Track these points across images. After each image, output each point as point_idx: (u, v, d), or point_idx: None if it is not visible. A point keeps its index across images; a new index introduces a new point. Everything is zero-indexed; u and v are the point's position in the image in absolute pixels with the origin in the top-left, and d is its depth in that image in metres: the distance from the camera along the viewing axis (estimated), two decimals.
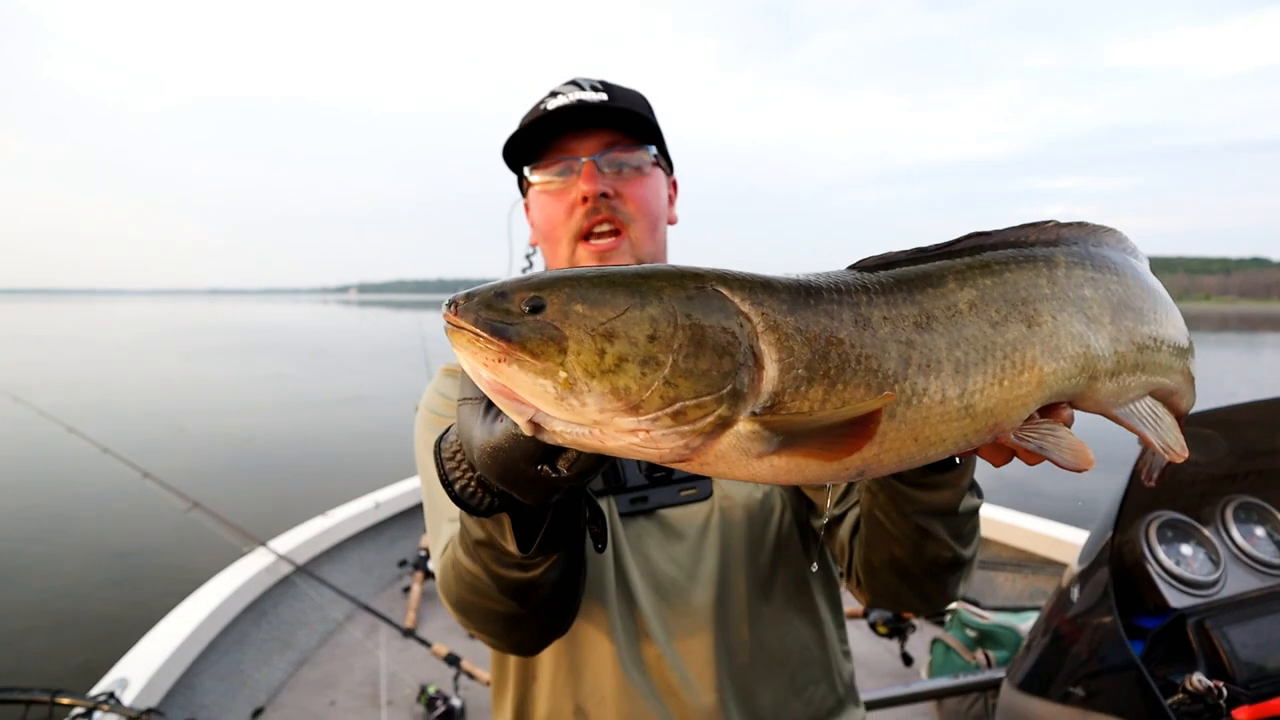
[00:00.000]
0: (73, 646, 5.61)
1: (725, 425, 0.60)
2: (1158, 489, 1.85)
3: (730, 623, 1.23)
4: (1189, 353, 0.84)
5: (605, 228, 1.25)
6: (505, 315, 0.61)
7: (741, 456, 0.61)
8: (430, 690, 3.49)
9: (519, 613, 0.96)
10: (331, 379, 24.17)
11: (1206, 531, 1.83)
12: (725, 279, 0.63)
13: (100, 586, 6.85)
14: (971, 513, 1.06)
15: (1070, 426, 0.72)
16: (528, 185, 1.32)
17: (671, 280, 0.63)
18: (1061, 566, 3.91)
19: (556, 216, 1.26)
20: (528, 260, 1.43)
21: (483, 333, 0.60)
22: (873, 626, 3.40)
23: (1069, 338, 0.70)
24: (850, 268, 0.69)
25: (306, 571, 4.06)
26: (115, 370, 26.66)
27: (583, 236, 1.26)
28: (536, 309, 0.61)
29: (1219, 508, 1.90)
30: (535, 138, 1.27)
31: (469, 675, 3.52)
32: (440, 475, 0.78)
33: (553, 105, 1.24)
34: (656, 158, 1.31)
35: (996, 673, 2.73)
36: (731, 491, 1.27)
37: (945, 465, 0.95)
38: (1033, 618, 3.07)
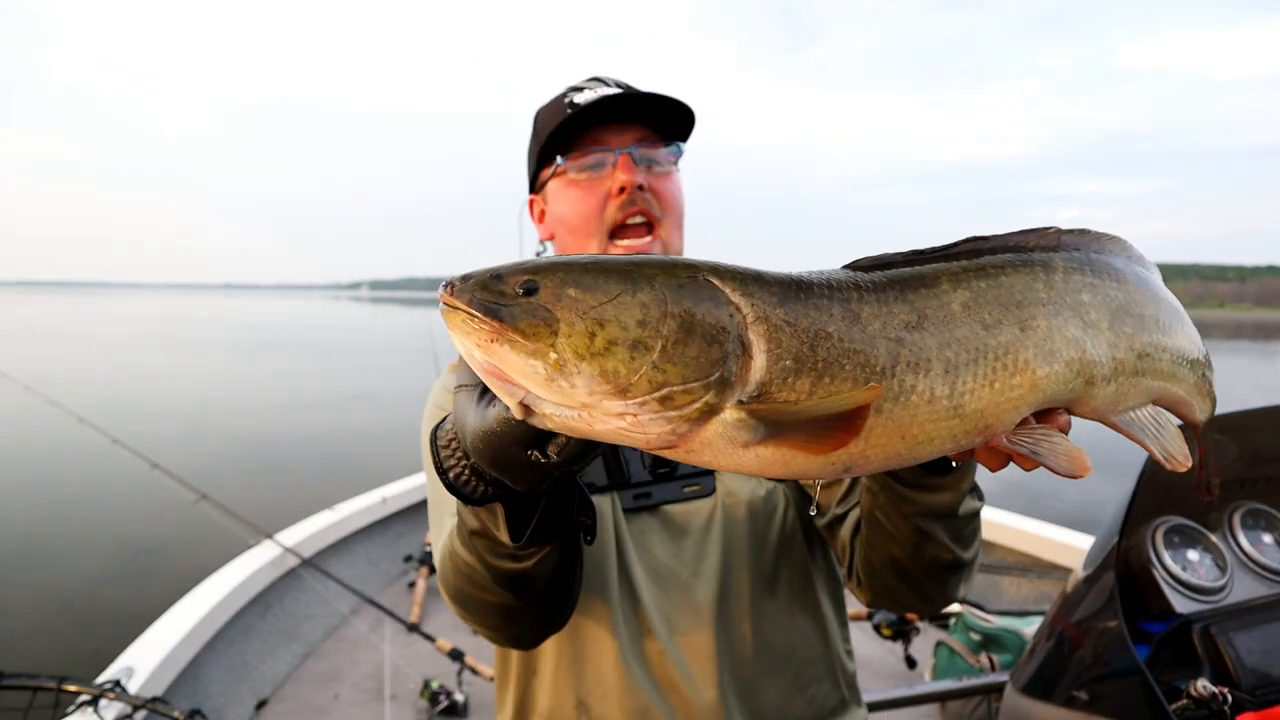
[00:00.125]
0: (80, 635, 5.66)
1: (712, 412, 0.60)
2: (1164, 494, 1.84)
3: (733, 619, 1.23)
4: (1200, 363, 0.83)
5: (638, 220, 1.25)
6: (499, 297, 0.62)
7: (727, 445, 0.61)
8: (434, 685, 3.50)
9: (515, 604, 0.96)
10: (342, 375, 24.30)
11: (1214, 537, 1.82)
12: (717, 270, 0.64)
13: (108, 576, 6.90)
14: (972, 515, 1.06)
15: (1067, 432, 0.72)
16: (555, 175, 1.30)
17: (664, 269, 0.64)
18: (1067, 571, 3.89)
19: (588, 208, 1.25)
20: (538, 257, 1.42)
21: (476, 313, 0.61)
22: (877, 629, 3.39)
23: (1064, 342, 0.69)
24: (845, 267, 0.70)
25: (313, 565, 4.08)
26: (127, 363, 26.89)
27: (615, 229, 1.25)
28: (530, 292, 0.62)
29: (1227, 514, 1.88)
30: (566, 130, 1.26)
31: (472, 671, 3.53)
32: (435, 463, 0.79)
33: (581, 99, 1.24)
34: (678, 155, 1.32)
35: (1000, 676, 2.72)
36: (735, 488, 1.27)
37: (943, 468, 0.95)
38: (1037, 622, 3.05)
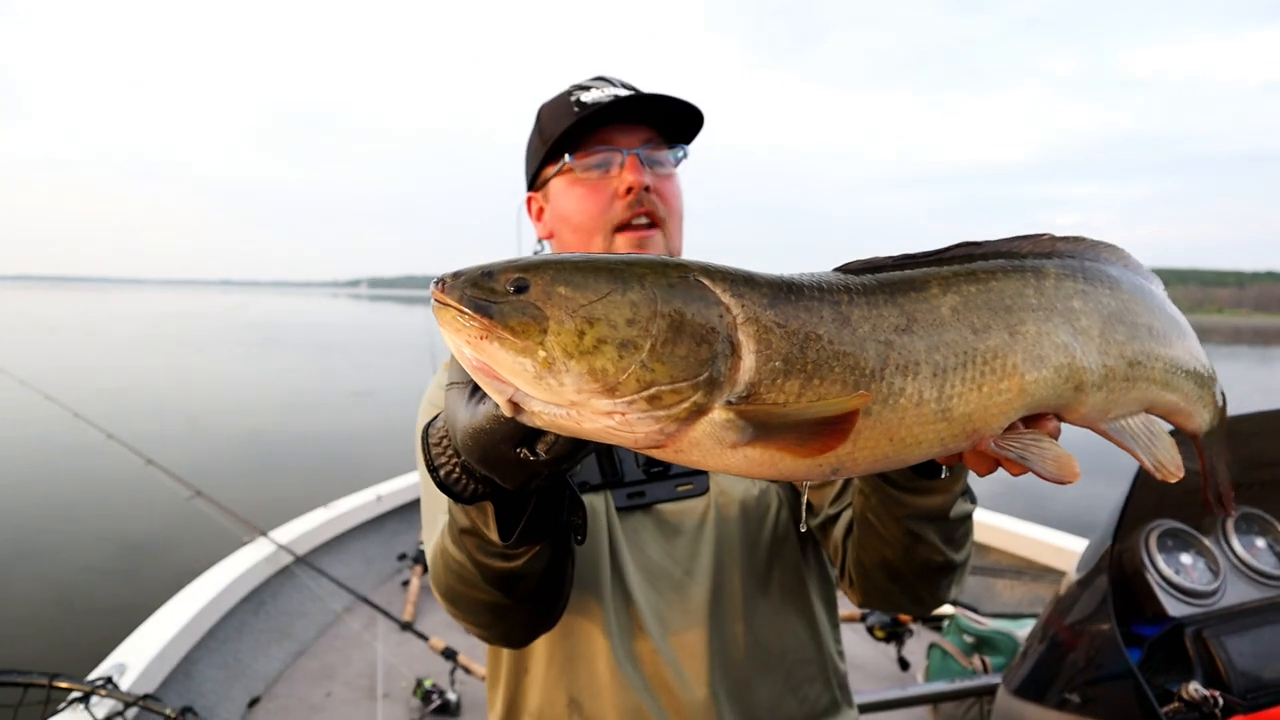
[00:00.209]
0: (73, 631, 5.64)
1: (700, 412, 0.60)
2: (1158, 498, 1.84)
3: (725, 618, 1.23)
4: (1199, 373, 0.82)
5: (643, 220, 1.26)
6: (490, 294, 0.62)
7: (715, 445, 0.61)
8: (427, 684, 3.49)
9: (505, 603, 0.96)
10: (340, 373, 24.27)
11: (1206, 541, 1.82)
12: (708, 270, 0.64)
13: (102, 572, 6.87)
14: (964, 518, 1.06)
15: (1056, 438, 0.71)
16: (560, 174, 1.29)
17: (654, 268, 0.64)
18: (1061, 574, 3.89)
19: (594, 207, 1.26)
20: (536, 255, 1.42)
21: (467, 309, 0.61)
22: (870, 631, 3.40)
23: (1053, 348, 0.69)
24: (836, 269, 0.70)
25: (306, 562, 4.06)
26: (125, 358, 26.83)
27: (620, 227, 1.26)
28: (521, 289, 0.62)
29: (1220, 518, 1.88)
30: (576, 128, 1.26)
31: (465, 670, 3.52)
32: (426, 460, 0.79)
33: (589, 98, 1.25)
34: (682, 158, 1.33)
35: (993, 678, 2.72)
36: (728, 488, 1.27)
37: (934, 471, 0.95)
38: (1031, 625, 3.05)
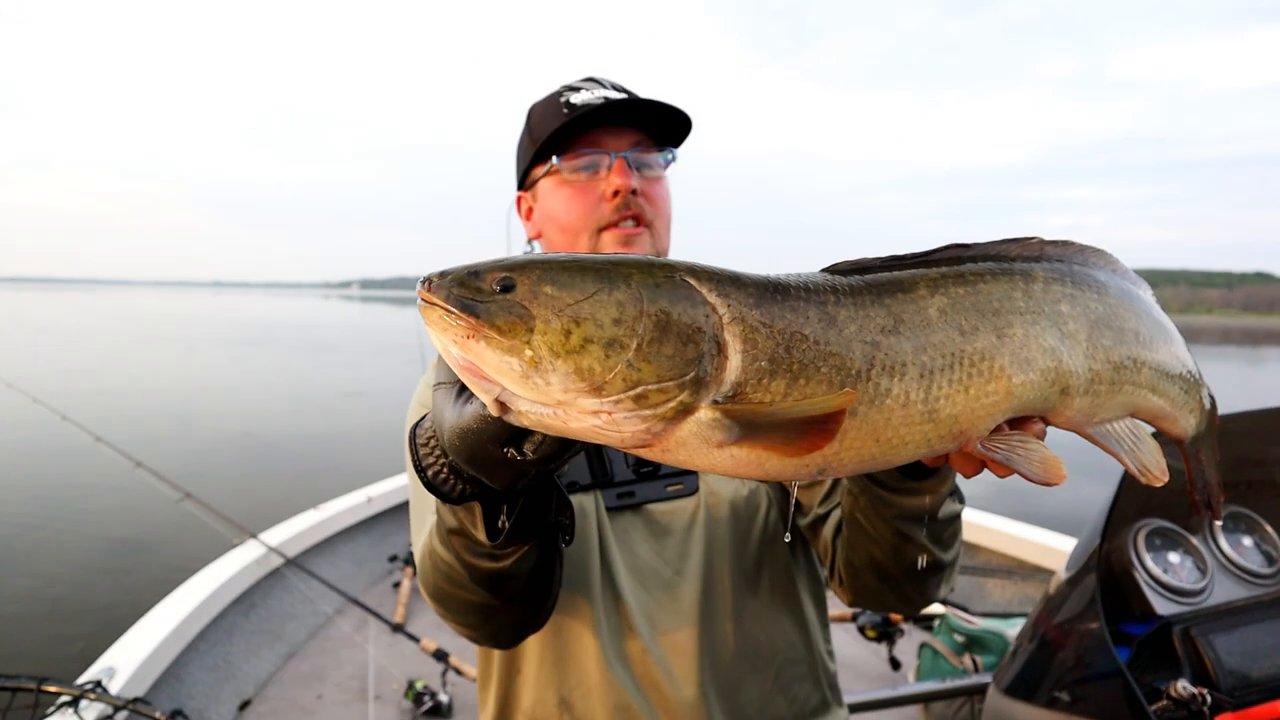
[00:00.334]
0: (62, 635, 5.60)
1: (687, 411, 0.60)
2: (1146, 498, 1.85)
3: (715, 618, 1.23)
4: (1185, 378, 0.82)
5: (630, 223, 1.27)
6: (476, 293, 0.62)
7: (702, 444, 0.61)
8: (418, 685, 3.48)
9: (493, 603, 0.96)
10: (330, 374, 24.19)
11: (1195, 540, 1.83)
12: (694, 270, 0.65)
13: (91, 575, 6.82)
14: (952, 518, 1.06)
15: (1042, 440, 0.72)
16: (548, 174, 1.29)
17: (641, 268, 0.64)
18: (1050, 574, 3.90)
19: (581, 208, 1.26)
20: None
21: (453, 309, 0.61)
22: (861, 630, 3.40)
23: (1040, 351, 0.70)
24: (823, 270, 0.70)
25: (297, 565, 4.05)
26: (114, 360, 26.66)
27: (605, 228, 1.26)
28: (507, 289, 0.62)
29: (1207, 517, 1.89)
30: (565, 130, 1.27)
31: (457, 671, 3.52)
32: (414, 460, 0.78)
33: (578, 100, 1.25)
34: (670, 161, 1.34)
35: (984, 677, 2.73)
36: (718, 488, 1.27)
37: (922, 472, 0.95)
38: (1021, 624, 3.07)
